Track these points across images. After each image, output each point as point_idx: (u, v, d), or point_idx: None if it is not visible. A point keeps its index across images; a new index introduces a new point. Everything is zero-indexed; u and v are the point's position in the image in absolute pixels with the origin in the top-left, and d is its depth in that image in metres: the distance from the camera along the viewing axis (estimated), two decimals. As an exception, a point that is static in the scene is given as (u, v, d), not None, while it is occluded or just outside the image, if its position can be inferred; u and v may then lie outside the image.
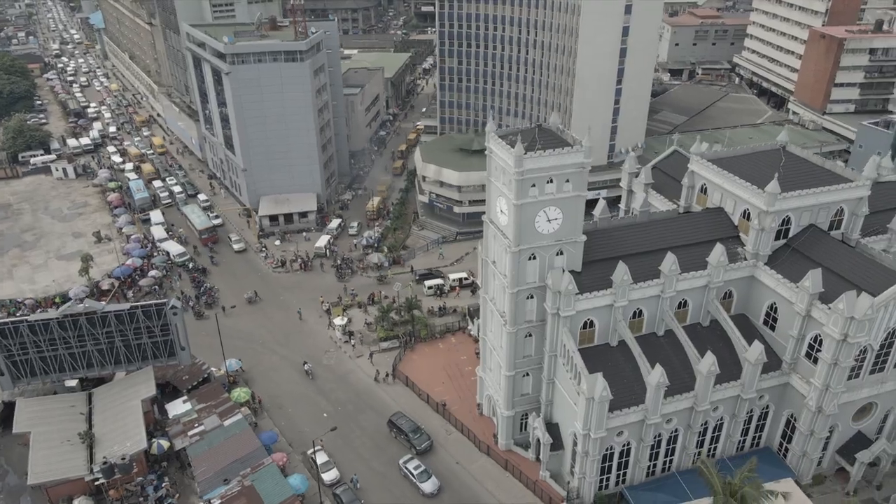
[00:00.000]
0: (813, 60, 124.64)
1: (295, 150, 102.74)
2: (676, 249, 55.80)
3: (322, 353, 76.65)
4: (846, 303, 48.29)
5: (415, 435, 62.69)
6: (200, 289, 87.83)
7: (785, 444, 58.06)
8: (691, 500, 53.06)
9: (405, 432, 62.80)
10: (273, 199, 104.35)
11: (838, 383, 51.44)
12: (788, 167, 57.86)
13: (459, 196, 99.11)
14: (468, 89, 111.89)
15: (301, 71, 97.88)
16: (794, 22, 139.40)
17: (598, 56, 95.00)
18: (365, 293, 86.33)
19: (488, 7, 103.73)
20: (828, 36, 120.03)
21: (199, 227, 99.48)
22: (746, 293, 57.91)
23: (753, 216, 56.07)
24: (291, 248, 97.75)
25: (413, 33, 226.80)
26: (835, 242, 56.67)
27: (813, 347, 53.03)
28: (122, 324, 64.84)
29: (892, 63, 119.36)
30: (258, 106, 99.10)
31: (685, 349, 54.60)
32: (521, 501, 57.21)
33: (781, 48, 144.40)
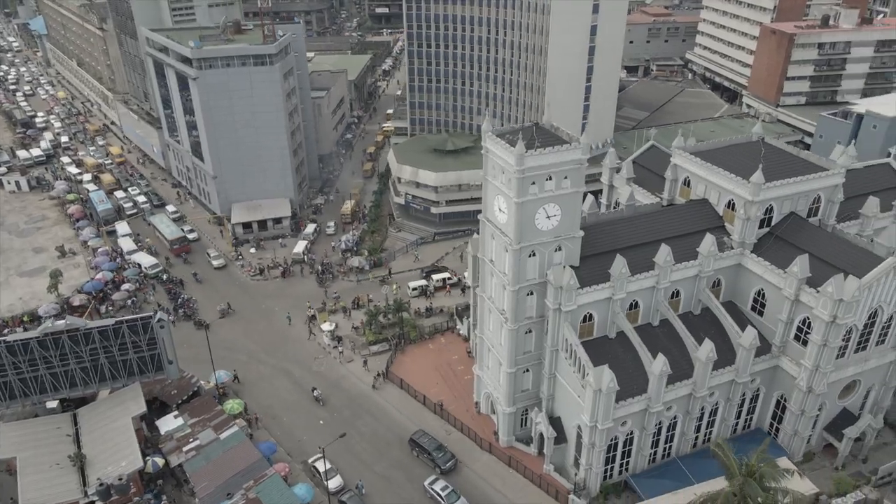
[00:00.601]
0: (765, 55, 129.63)
1: (266, 155, 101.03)
2: (667, 241, 57.33)
3: (311, 360, 75.66)
4: (835, 286, 50.54)
5: (438, 453, 60.66)
6: (178, 300, 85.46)
7: (776, 424, 60.31)
8: (694, 483, 54.53)
9: (428, 451, 60.84)
10: (245, 205, 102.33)
11: (827, 363, 53.78)
12: (768, 158, 60.13)
13: (436, 197, 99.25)
14: (437, 90, 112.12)
15: (271, 75, 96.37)
16: (744, 19, 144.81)
17: (568, 54, 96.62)
18: (347, 297, 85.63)
19: (456, 8, 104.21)
20: (778, 31, 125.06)
21: (170, 237, 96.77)
22: (734, 281, 59.92)
23: (739, 206, 58.06)
24: (268, 256, 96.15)
25: (368, 35, 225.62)
26: (815, 228, 59.22)
27: (802, 330, 55.26)
28: (107, 340, 62.68)
29: (839, 56, 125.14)
30: (227, 111, 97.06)
31: (682, 338, 56.14)
32: (528, 496, 57.73)
33: (732, 44, 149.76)
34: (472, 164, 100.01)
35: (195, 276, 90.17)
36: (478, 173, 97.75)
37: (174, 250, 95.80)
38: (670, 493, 53.34)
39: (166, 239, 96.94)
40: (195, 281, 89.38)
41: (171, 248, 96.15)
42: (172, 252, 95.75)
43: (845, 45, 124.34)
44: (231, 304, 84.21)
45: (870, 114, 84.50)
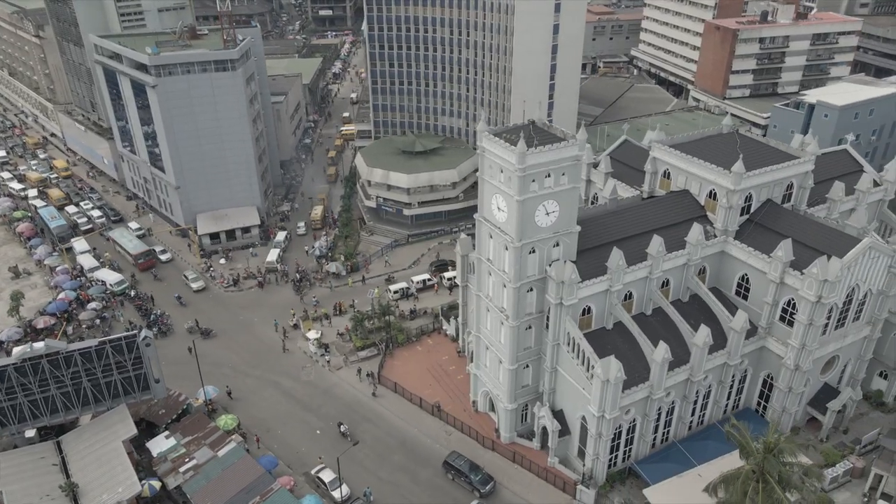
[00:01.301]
0: (710, 51, 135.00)
1: (231, 163, 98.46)
2: (654, 233, 59.21)
3: (299, 370, 74.31)
4: (819, 267, 53.30)
5: (475, 475, 58.38)
6: (150, 317, 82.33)
7: (763, 402, 63.06)
8: (695, 465, 56.49)
9: (465, 473, 58.62)
10: (211, 215, 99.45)
11: (813, 341, 56.64)
12: (745, 148, 62.84)
13: (409, 198, 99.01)
14: (401, 91, 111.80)
15: (234, 80, 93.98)
16: (686, 16, 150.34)
17: (532, 53, 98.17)
18: (327, 304, 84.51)
19: (417, 9, 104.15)
20: (722, 27, 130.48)
21: (134, 251, 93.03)
22: (717, 268, 62.32)
23: (721, 195, 60.44)
24: (239, 266, 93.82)
25: (313, 38, 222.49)
26: (791, 214, 62.26)
27: (787, 311, 57.98)
28: (90, 362, 59.98)
29: (779, 50, 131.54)
30: (189, 119, 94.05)
31: (677, 325, 58.00)
32: (535, 490, 58.45)
33: (676, 40, 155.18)
34: (442, 164, 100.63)
35: (179, 300, 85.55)
36: (450, 173, 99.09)
37: (140, 265, 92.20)
38: (675, 476, 55.04)
39: (130, 254, 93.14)
40: (179, 304, 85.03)
41: (135, 262, 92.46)
42: (138, 267, 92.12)
43: (784, 40, 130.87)
44: (200, 322, 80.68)
45: (821, 103, 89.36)
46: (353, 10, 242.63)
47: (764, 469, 43.57)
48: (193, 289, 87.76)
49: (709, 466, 55.46)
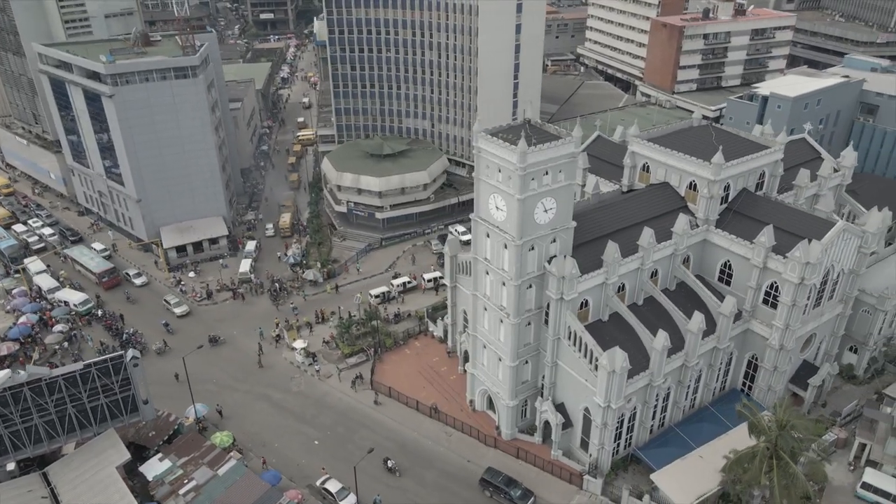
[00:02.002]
0: (658, 47, 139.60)
1: (195, 173, 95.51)
2: (641, 225, 61.06)
3: (288, 381, 72.86)
4: (802, 250, 56.08)
5: (515, 491, 56.89)
6: (122, 337, 78.99)
7: (748, 382, 65.82)
8: (694, 447, 58.36)
9: (504, 490, 57.04)
10: (175, 228, 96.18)
11: (796, 321, 59.55)
12: (720, 140, 65.47)
13: (381, 202, 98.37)
14: (364, 95, 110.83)
15: (196, 87, 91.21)
16: (631, 14, 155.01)
17: (497, 53, 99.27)
18: (307, 312, 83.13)
19: (379, 11, 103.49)
20: (669, 25, 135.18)
21: (97, 269, 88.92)
22: (700, 256, 64.61)
23: (702, 186, 62.74)
24: (210, 279, 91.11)
25: (255, 42, 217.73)
26: (766, 201, 65.26)
27: (769, 294, 60.72)
28: (75, 387, 57.24)
29: (722, 45, 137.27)
30: (150, 129, 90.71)
31: (670, 313, 59.89)
32: (542, 483, 59.20)
33: (621, 38, 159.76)
34: (412, 166, 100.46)
35: (166, 327, 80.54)
36: (420, 175, 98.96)
37: (104, 284, 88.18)
38: (678, 459, 56.77)
39: (92, 272, 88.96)
40: (167, 331, 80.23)
41: (99, 281, 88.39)
42: (102, 286, 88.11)
43: (726, 35, 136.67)
44: (168, 342, 77.99)
45: (774, 95, 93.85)
46: (294, 13, 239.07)
47: (777, 445, 45.65)
48: (177, 314, 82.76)
49: (707, 448, 57.46)
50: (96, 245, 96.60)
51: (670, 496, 53.74)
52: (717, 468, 54.77)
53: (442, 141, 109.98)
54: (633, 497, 55.88)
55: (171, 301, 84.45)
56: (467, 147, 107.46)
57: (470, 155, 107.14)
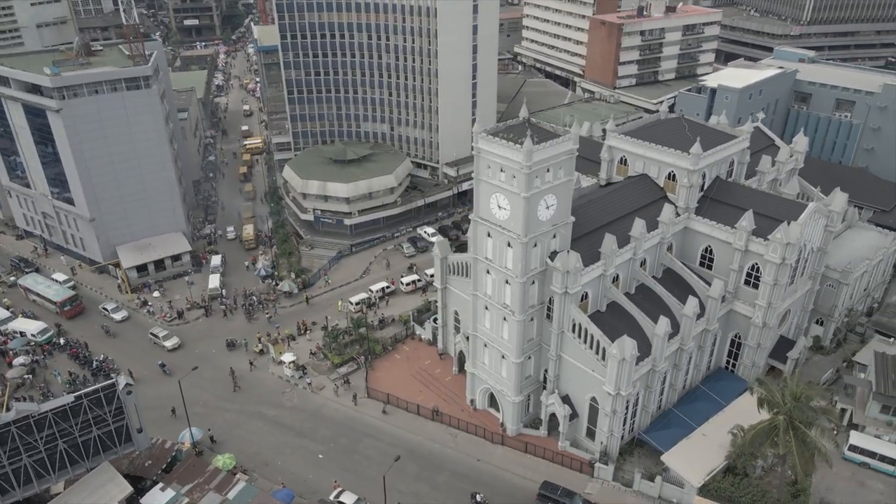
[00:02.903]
0: (598, 44, 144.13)
1: (151, 187, 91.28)
2: (627, 216, 63.27)
3: (279, 396, 70.91)
4: (783, 232, 59.57)
5: (576, 503, 56.19)
6: (92, 365, 74.63)
7: (731, 360, 69.21)
8: (695, 427, 60.86)
9: (564, 503, 56.30)
10: (133, 247, 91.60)
11: (778, 299, 63.19)
12: (693, 131, 68.56)
13: (349, 208, 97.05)
14: (319, 100, 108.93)
15: (149, 98, 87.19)
16: (566, 13, 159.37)
17: (455, 54, 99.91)
18: (286, 324, 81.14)
19: (333, 15, 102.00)
20: (608, 23, 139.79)
21: (58, 298, 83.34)
22: (681, 243, 67.48)
23: (681, 176, 65.47)
24: (177, 297, 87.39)
25: (181, 49, 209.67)
26: (739, 187, 68.83)
27: (751, 276, 64.11)
28: (66, 421, 53.61)
29: (657, 41, 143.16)
30: (101, 144, 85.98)
31: (664, 299, 62.22)
32: (554, 475, 60.19)
33: (559, 36, 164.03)
34: (377, 170, 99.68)
35: (163, 368, 74.06)
36: (387, 179, 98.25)
37: (66, 313, 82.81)
38: (683, 439, 59.10)
39: (52, 301, 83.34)
40: (163, 373, 73.82)
41: (60, 311, 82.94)
42: (63, 315, 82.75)
43: (660, 31, 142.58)
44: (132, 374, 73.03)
45: (722, 87, 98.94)
46: (220, 18, 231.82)
47: (793, 417, 48.38)
48: (168, 347, 77.08)
49: (708, 426, 60.13)
50: (58, 275, 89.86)
51: (683, 475, 55.90)
52: (720, 444, 57.56)
53: (402, 144, 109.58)
54: (644, 479, 57.75)
55: (160, 334, 78.32)
56: (429, 149, 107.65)
57: (432, 156, 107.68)
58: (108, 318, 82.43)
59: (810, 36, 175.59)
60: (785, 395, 49.78)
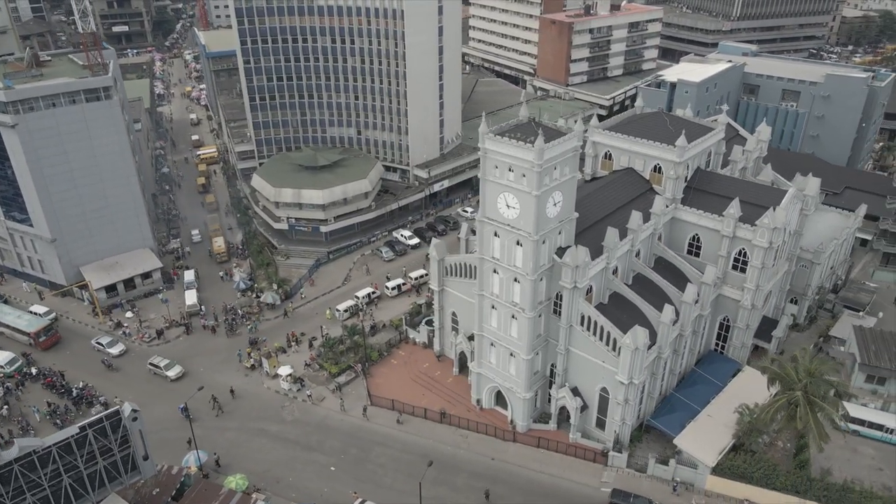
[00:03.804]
0: (549, 43, 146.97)
1: (116, 203, 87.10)
2: (621, 209, 65.12)
3: (279, 411, 69.06)
4: (770, 217, 62.58)
5: None
6: (72, 394, 70.60)
7: (720, 343, 72.13)
8: (699, 409, 63.12)
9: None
10: (99, 266, 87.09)
11: (765, 281, 66.34)
12: (674, 125, 71.04)
13: (324, 214, 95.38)
14: (283, 106, 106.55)
15: (111, 110, 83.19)
16: (514, 12, 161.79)
17: (423, 55, 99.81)
18: (273, 337, 79.14)
19: (295, 19, 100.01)
20: (558, 22, 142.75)
21: (31, 329, 78.07)
22: (669, 233, 69.87)
23: (668, 168, 67.76)
24: (152, 317, 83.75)
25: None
26: (719, 176, 71.82)
27: (738, 261, 67.02)
28: (70, 454, 50.52)
29: (605, 39, 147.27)
30: (61, 160, 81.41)
31: (663, 288, 64.21)
32: (568, 467, 61.25)
33: (507, 35, 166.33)
34: (350, 175, 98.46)
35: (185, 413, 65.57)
36: (362, 183, 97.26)
37: (41, 344, 77.83)
38: (691, 421, 61.20)
39: (24, 333, 78.03)
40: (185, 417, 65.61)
41: (35, 341, 77.81)
42: (39, 346, 77.79)
43: (608, 29, 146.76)
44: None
45: (681, 82, 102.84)
46: (150, 24, 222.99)
47: (809, 391, 50.93)
48: (171, 377, 72.71)
49: (711, 407, 62.53)
50: (38, 308, 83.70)
51: (697, 456, 57.92)
52: (726, 423, 60.09)
53: (370, 147, 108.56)
54: (658, 464, 59.50)
55: (161, 363, 73.98)
56: (398, 151, 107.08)
57: (402, 159, 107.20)
58: (104, 353, 76.84)
59: (740, 31, 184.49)
60: (799, 371, 52.31)
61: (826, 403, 51.01)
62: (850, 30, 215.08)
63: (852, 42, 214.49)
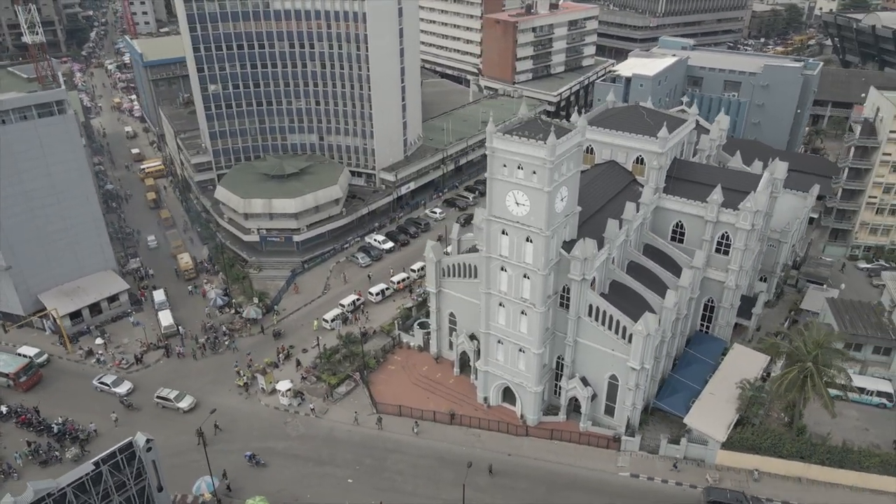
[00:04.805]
0: (494, 42, 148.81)
1: (75, 224, 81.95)
2: (610, 200, 67.21)
3: (282, 427, 66.97)
4: (753, 201, 66.07)
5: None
6: (53, 430, 65.90)
7: (704, 323, 75.46)
8: (699, 388, 65.80)
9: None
10: (59, 292, 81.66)
11: (747, 262, 69.96)
12: (652, 118, 73.78)
13: (297, 223, 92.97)
14: (240, 115, 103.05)
15: (66, 125, 78.35)
16: (454, 13, 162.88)
17: (385, 58, 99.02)
18: (258, 353, 76.65)
19: (250, 24, 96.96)
20: (502, 21, 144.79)
21: (10, 369, 71.79)
22: (652, 221, 72.53)
23: (650, 159, 70.33)
24: (125, 342, 79.35)
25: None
26: (697, 165, 75.16)
27: (721, 244, 70.31)
28: (85, 493, 47.30)
29: (547, 37, 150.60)
30: (14, 181, 75.81)
31: (658, 275, 66.58)
32: (583, 455, 62.53)
33: (447, 36, 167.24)
34: (320, 182, 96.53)
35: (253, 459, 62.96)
36: (333, 190, 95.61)
37: (22, 385, 71.79)
38: (696, 400, 63.72)
39: (6, 374, 71.68)
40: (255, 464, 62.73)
41: (14, 382, 71.67)
42: (20, 387, 71.76)
43: (549, 28, 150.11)
44: (121, 417, 67.51)
45: (636, 76, 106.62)
46: (64, 33, 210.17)
47: (819, 362, 54.08)
48: (183, 409, 68.46)
49: (711, 385, 65.29)
50: (27, 349, 76.72)
51: (707, 433, 60.40)
52: (727, 399, 62.96)
53: (334, 153, 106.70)
54: (670, 444, 61.68)
55: (171, 395, 69.10)
56: (363, 156, 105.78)
57: (367, 163, 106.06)
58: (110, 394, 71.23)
59: (665, 27, 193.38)
60: (808, 344, 55.51)
61: (834, 372, 54.45)
62: (761, 23, 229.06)
63: (763, 35, 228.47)
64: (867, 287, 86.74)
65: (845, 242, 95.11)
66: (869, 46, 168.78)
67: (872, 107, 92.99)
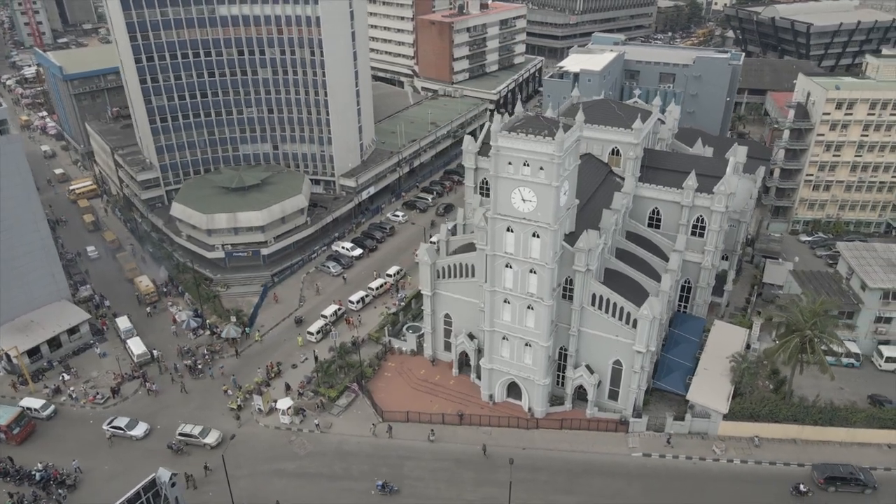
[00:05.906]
0: (429, 43, 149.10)
1: (24, 254, 75.81)
2: (596, 192, 69.38)
3: (287, 447, 64.60)
4: (726, 184, 69.94)
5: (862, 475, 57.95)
6: (35, 478, 60.51)
7: (682, 304, 79.16)
8: (689, 366, 68.99)
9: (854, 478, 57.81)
10: (12, 328, 75.27)
11: (721, 242, 73.98)
12: (623, 111, 76.59)
13: (264, 236, 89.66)
14: (188, 127, 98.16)
15: (11, 146, 72.58)
16: (384, 15, 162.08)
17: (340, 62, 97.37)
18: (245, 375, 73.63)
19: (195, 32, 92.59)
20: (438, 22, 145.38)
21: (2, 422, 65.01)
22: (632, 208, 75.39)
23: (626, 150, 73.06)
24: (94, 374, 74.10)
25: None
26: (666, 153, 78.63)
27: (696, 227, 73.94)
28: (113, 539, 44.08)
29: (481, 37, 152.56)
30: (-44, 210, 69.01)
31: (647, 260, 69.26)
32: (594, 440, 64.13)
33: (378, 38, 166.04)
34: (283, 193, 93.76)
35: (385, 489, 59.55)
36: (298, 199, 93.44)
37: (15, 437, 65.18)
38: (694, 377, 66.68)
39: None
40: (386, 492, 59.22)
41: (8, 436, 65.01)
42: (13, 441, 65.16)
43: (483, 27, 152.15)
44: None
45: (584, 71, 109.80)
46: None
47: (817, 328, 57.90)
48: (211, 445, 63.93)
49: (703, 362, 68.54)
50: (28, 401, 69.09)
51: (710, 406, 63.45)
52: (721, 373, 66.42)
53: (290, 161, 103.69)
54: (676, 421, 64.33)
55: (194, 431, 64.49)
56: (321, 162, 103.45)
57: (325, 169, 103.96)
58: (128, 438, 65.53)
59: (584, 23, 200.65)
60: (804, 314, 59.35)
61: (829, 338, 58.67)
62: (666, 18, 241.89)
63: (669, 29, 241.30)
64: (812, 258, 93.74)
65: (786, 218, 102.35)
66: (769, 37, 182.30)
67: (803, 92, 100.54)
